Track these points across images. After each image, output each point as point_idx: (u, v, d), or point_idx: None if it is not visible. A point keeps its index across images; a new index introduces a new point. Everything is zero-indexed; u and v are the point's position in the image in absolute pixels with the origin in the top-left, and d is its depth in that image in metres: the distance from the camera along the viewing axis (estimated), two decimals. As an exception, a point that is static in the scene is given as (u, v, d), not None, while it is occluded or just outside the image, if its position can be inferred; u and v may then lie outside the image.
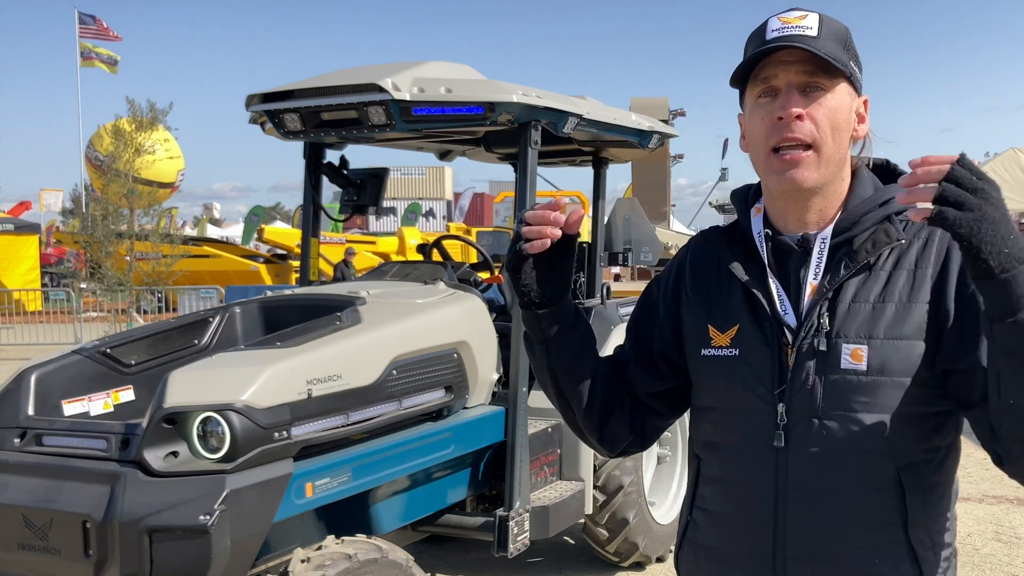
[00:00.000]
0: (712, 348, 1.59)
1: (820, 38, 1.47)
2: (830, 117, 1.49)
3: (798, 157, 1.48)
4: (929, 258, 1.50)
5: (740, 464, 1.55)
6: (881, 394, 1.46)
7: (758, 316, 1.55)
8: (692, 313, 1.65)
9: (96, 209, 20.20)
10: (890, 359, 1.46)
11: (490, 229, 24.08)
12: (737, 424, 1.56)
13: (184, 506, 2.80)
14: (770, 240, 1.59)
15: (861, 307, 1.49)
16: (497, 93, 3.96)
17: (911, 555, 1.49)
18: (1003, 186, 4.97)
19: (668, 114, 20.33)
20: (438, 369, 3.81)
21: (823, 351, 1.48)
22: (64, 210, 41.22)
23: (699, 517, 1.64)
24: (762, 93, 1.52)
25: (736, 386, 1.55)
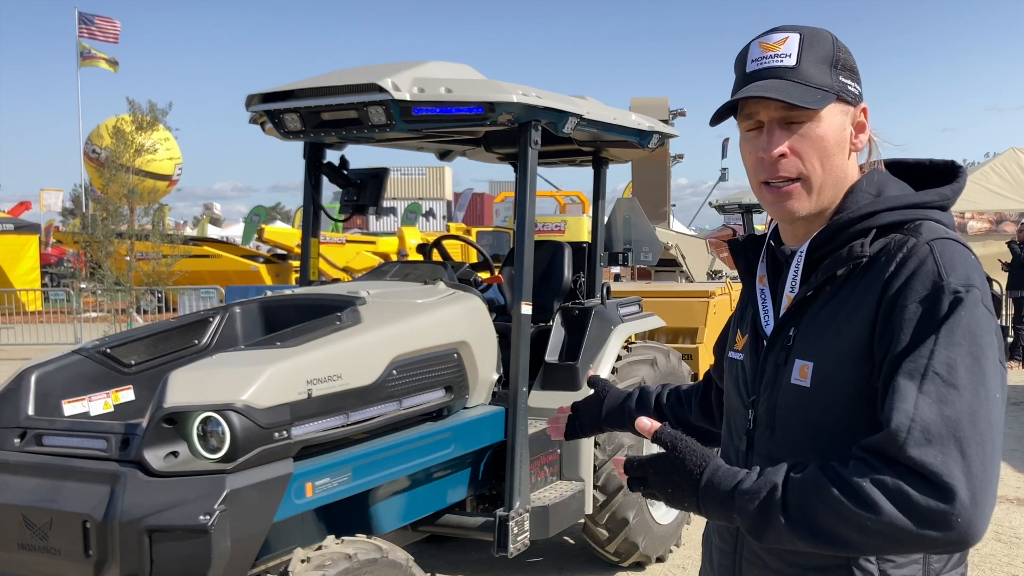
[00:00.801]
0: (734, 351, 1.71)
1: (799, 67, 1.47)
2: (816, 147, 1.48)
3: (788, 190, 1.51)
4: (884, 274, 1.43)
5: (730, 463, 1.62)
6: (823, 409, 1.47)
7: (754, 325, 1.66)
8: (733, 317, 1.80)
9: (96, 209, 20.19)
10: (832, 376, 1.46)
11: (490, 229, 24.06)
12: (728, 424, 1.71)
13: (184, 506, 2.80)
14: (770, 251, 1.67)
15: (816, 324, 1.50)
16: (497, 93, 3.96)
17: (857, 568, 1.45)
18: (1003, 186, 5.00)
19: (668, 114, 20.29)
20: (438, 369, 3.81)
21: (781, 364, 1.55)
22: (64, 210, 41.21)
23: None
24: (749, 128, 1.54)
25: (732, 389, 1.70)
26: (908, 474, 1.26)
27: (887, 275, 1.43)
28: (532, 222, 4.28)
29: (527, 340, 4.18)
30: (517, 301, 4.15)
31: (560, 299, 5.20)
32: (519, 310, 4.14)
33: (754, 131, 1.52)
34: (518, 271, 4.18)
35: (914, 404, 1.29)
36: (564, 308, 5.06)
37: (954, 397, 1.29)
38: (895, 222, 1.49)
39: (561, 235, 17.80)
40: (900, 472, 1.27)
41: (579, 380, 4.72)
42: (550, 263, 5.23)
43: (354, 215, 5.07)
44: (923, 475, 1.25)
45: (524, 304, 4.15)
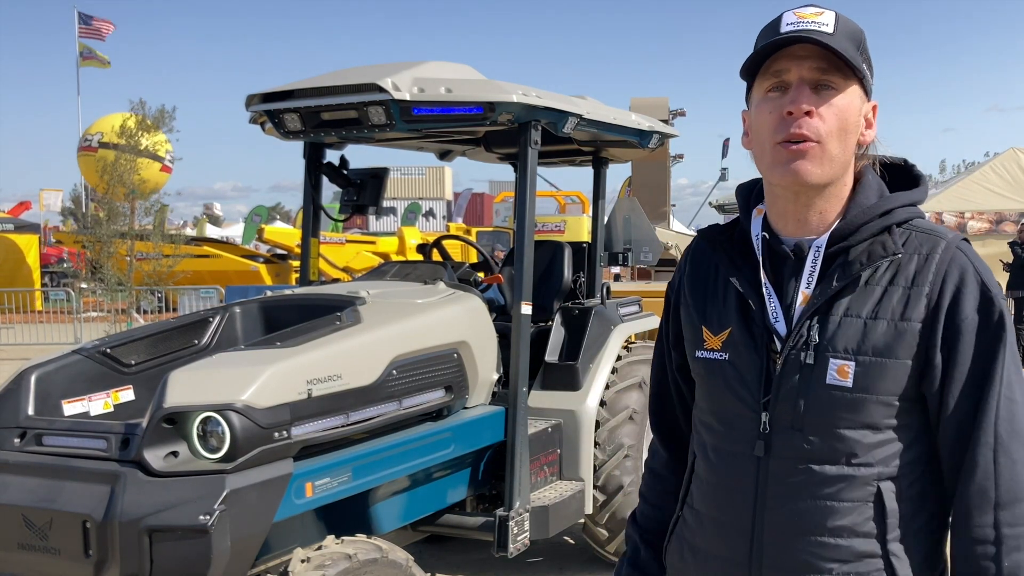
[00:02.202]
0: (705, 350, 1.59)
1: (836, 36, 1.44)
2: (839, 117, 1.45)
3: (804, 148, 1.44)
4: (927, 276, 1.45)
5: (724, 469, 1.55)
6: (864, 411, 1.45)
7: (749, 322, 1.54)
8: (689, 313, 1.65)
9: (97, 209, 20.18)
10: (877, 377, 1.44)
11: (490, 229, 24.04)
12: (723, 429, 1.56)
13: (184, 506, 2.80)
14: (766, 244, 1.56)
15: (852, 321, 1.46)
16: (497, 93, 3.96)
17: (889, 568, 1.46)
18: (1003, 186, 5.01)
19: (668, 114, 20.29)
20: (438, 369, 3.81)
21: (810, 364, 1.46)
22: (64, 210, 41.21)
23: (688, 514, 1.65)
24: (772, 87, 1.48)
25: (724, 391, 1.55)
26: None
27: (931, 277, 1.45)
28: (532, 222, 4.28)
29: (527, 340, 4.18)
30: (517, 301, 4.15)
31: (560, 299, 5.20)
32: (519, 310, 4.14)
33: (775, 93, 1.47)
34: (518, 271, 4.18)
35: (995, 460, 1.43)
36: (564, 308, 5.06)
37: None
38: (903, 219, 1.51)
39: (561, 235, 17.79)
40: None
41: (579, 380, 4.72)
42: (550, 263, 5.23)
43: (354, 215, 5.07)
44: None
45: (524, 304, 4.15)
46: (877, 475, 1.46)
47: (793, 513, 1.47)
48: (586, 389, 4.69)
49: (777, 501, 1.48)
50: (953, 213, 18.17)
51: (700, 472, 1.62)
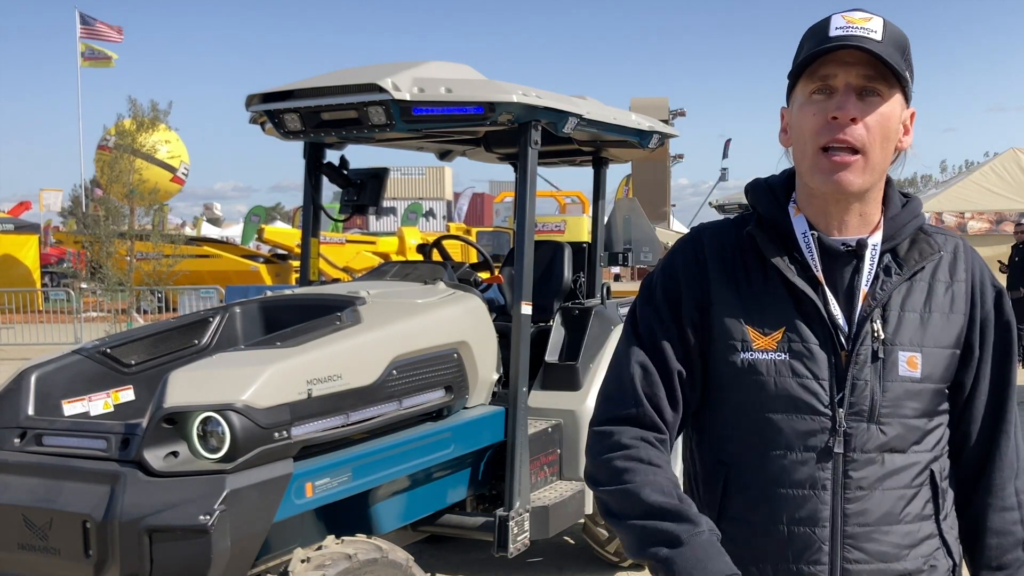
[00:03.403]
0: (755, 351, 1.52)
1: (884, 43, 1.45)
2: (882, 125, 1.47)
3: (847, 160, 1.46)
4: (960, 272, 1.59)
5: (791, 470, 1.50)
6: (927, 398, 1.54)
7: (808, 320, 1.51)
8: (723, 313, 1.55)
9: (99, 209, 20.19)
10: (937, 366, 1.55)
11: (490, 229, 24.05)
12: (786, 429, 1.50)
13: (184, 506, 2.80)
14: (817, 241, 1.55)
15: (910, 315, 1.54)
16: (497, 93, 3.97)
17: (944, 545, 1.57)
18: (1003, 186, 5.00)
19: (668, 114, 20.32)
20: (438, 369, 3.81)
21: (881, 357, 1.51)
22: (64, 210, 41.22)
23: (731, 529, 1.52)
24: (817, 90, 1.48)
25: (789, 392, 1.50)
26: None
27: (963, 274, 1.59)
28: (532, 222, 4.28)
29: (527, 340, 4.18)
30: (517, 301, 4.15)
31: (560, 299, 5.20)
32: (519, 310, 4.14)
33: (821, 96, 1.48)
34: (518, 271, 4.18)
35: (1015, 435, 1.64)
36: (564, 308, 5.06)
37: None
38: (924, 221, 1.62)
39: (561, 235, 17.80)
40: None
41: (579, 380, 4.72)
42: (550, 263, 5.23)
43: (354, 215, 5.07)
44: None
45: (524, 304, 4.15)
46: (931, 458, 1.56)
47: (871, 504, 1.51)
48: (586, 389, 4.69)
49: (857, 494, 1.51)
50: (953, 213, 18.18)
51: (749, 480, 1.54)
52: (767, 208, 1.61)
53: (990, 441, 1.62)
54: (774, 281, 1.55)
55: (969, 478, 1.64)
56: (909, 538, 1.52)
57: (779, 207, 1.60)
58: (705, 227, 1.67)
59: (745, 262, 1.58)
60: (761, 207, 1.62)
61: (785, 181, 1.64)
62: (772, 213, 1.60)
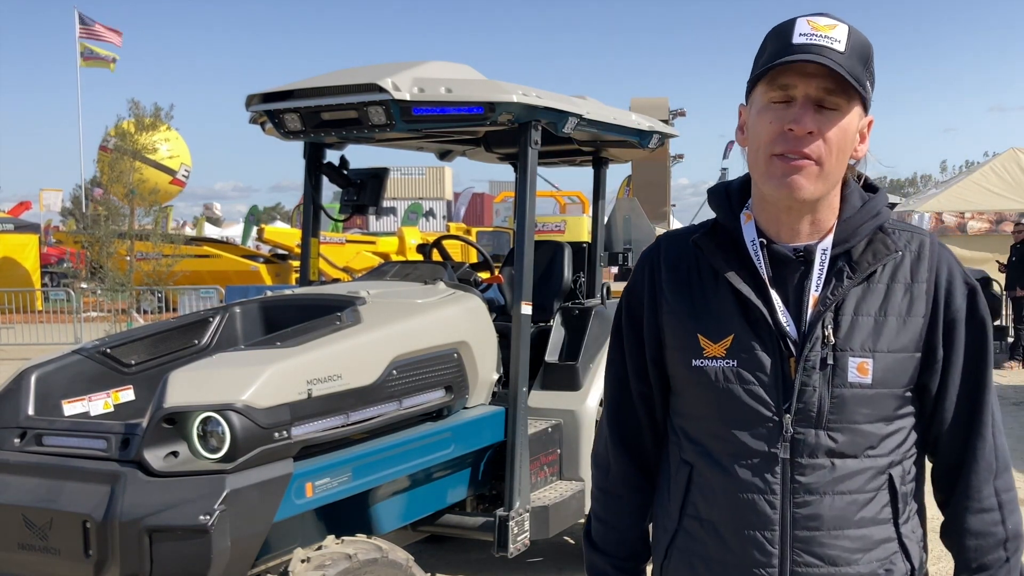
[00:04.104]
0: (704, 358, 1.55)
1: (846, 54, 1.44)
2: (839, 137, 1.47)
3: (802, 164, 1.46)
4: (922, 273, 1.54)
5: (744, 474, 1.53)
6: (881, 404, 1.52)
7: (755, 326, 1.53)
8: (676, 321, 1.60)
9: (99, 208, 20.19)
10: (890, 371, 1.51)
11: (490, 229, 24.06)
12: (737, 435, 1.54)
13: (184, 506, 2.80)
14: (765, 249, 1.56)
15: (863, 320, 1.51)
16: (497, 93, 3.97)
17: (903, 549, 1.55)
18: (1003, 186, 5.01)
19: (668, 114, 20.28)
20: (438, 369, 3.81)
21: (830, 363, 1.49)
22: (64, 210, 41.22)
23: (692, 526, 1.61)
24: (777, 98, 1.48)
25: (737, 398, 1.53)
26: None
27: (927, 274, 1.54)
28: (532, 222, 4.28)
29: (527, 340, 4.18)
30: (517, 301, 4.15)
31: (560, 299, 5.20)
32: (519, 310, 4.14)
33: (780, 105, 1.47)
34: (518, 271, 4.18)
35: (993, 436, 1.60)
36: (564, 308, 5.06)
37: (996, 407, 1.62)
38: (887, 219, 1.58)
39: (561, 235, 17.80)
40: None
41: (579, 380, 4.72)
42: (550, 263, 5.23)
43: (354, 215, 5.07)
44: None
45: (524, 304, 4.15)
46: (889, 463, 1.53)
47: (821, 509, 1.50)
48: (586, 389, 4.69)
49: (806, 499, 1.51)
50: (953, 213, 18.18)
51: (706, 481, 1.58)
52: (721, 214, 1.63)
53: (965, 442, 1.59)
54: (724, 288, 1.56)
55: (946, 480, 1.62)
56: (862, 542, 1.51)
57: (732, 214, 1.61)
58: (665, 235, 1.72)
59: (699, 269, 1.61)
60: (717, 213, 1.64)
61: (742, 187, 1.65)
62: (726, 219, 1.62)
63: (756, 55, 1.52)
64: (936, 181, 32.01)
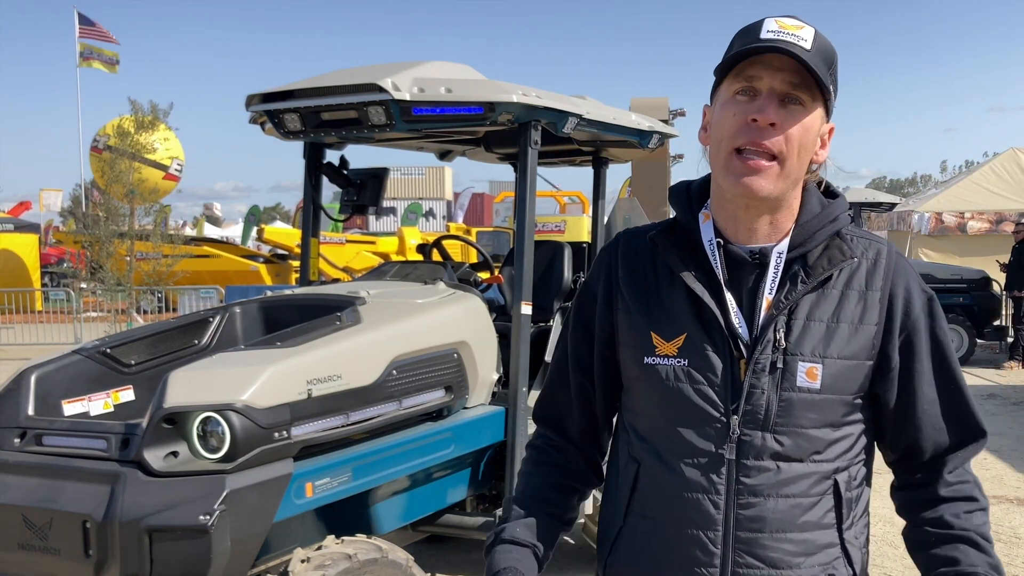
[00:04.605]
0: (656, 356, 1.56)
1: (812, 52, 1.45)
2: (800, 134, 1.47)
3: (760, 165, 1.46)
4: (877, 281, 1.54)
5: (689, 473, 1.53)
6: (828, 410, 1.52)
7: (708, 327, 1.53)
8: (630, 318, 1.60)
9: (98, 209, 20.19)
10: (839, 377, 1.51)
11: (490, 229, 24.05)
12: (684, 434, 1.54)
13: (184, 506, 2.80)
14: (722, 249, 1.56)
15: (815, 325, 1.51)
16: (497, 93, 3.97)
17: (845, 555, 1.55)
18: (1003, 186, 5.01)
19: (668, 114, 20.24)
20: (438, 369, 3.81)
21: (779, 367, 1.49)
22: (63, 210, 41.23)
23: (637, 523, 1.61)
24: (741, 91, 1.48)
25: (685, 398, 1.53)
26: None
27: (882, 282, 1.54)
28: (532, 222, 4.28)
29: (527, 340, 4.18)
30: (517, 301, 4.15)
31: (560, 299, 5.20)
32: (519, 310, 4.14)
33: (744, 97, 1.48)
34: (518, 271, 4.18)
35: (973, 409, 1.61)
36: (564, 308, 5.06)
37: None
38: (844, 225, 1.58)
39: (561, 235, 17.79)
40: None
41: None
42: (550, 263, 5.23)
43: (354, 215, 5.07)
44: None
45: (524, 304, 4.15)
46: (834, 469, 1.53)
47: (765, 511, 1.50)
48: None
49: (750, 501, 1.51)
50: (953, 213, 18.18)
51: (653, 479, 1.58)
52: (680, 213, 1.64)
53: (958, 438, 1.59)
54: (679, 288, 1.57)
55: (914, 491, 1.62)
56: (805, 546, 1.51)
57: (690, 213, 1.62)
58: (625, 232, 1.72)
59: (656, 267, 1.61)
60: (676, 211, 1.65)
61: (702, 186, 1.65)
62: (684, 218, 1.62)
63: (724, 54, 1.53)
64: (936, 181, 32.04)
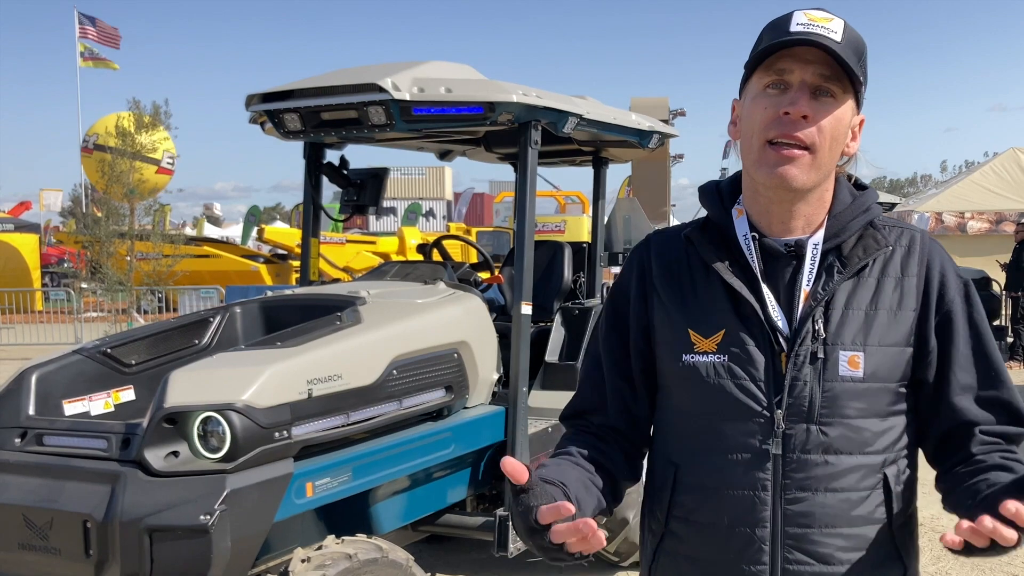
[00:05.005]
0: (695, 354, 1.54)
1: (842, 44, 1.45)
2: (832, 126, 1.47)
3: (793, 154, 1.46)
4: (912, 267, 1.54)
5: (732, 471, 1.52)
6: (873, 398, 1.50)
7: (747, 321, 1.52)
8: (667, 316, 1.59)
9: (98, 210, 20.19)
10: (882, 365, 1.50)
11: (490, 229, 24.06)
12: (727, 431, 1.52)
13: (184, 506, 2.80)
14: (757, 243, 1.56)
15: (854, 314, 1.51)
16: (497, 93, 3.97)
17: (895, 550, 1.53)
18: (1003, 186, 5.02)
19: (668, 114, 20.26)
20: (438, 369, 3.81)
21: (821, 357, 1.49)
22: (64, 210, 41.23)
23: (680, 527, 1.59)
24: (771, 84, 1.48)
25: (728, 394, 1.51)
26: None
27: (917, 268, 1.54)
28: (532, 222, 4.28)
29: (527, 340, 4.18)
30: (517, 301, 4.15)
31: (560, 299, 5.20)
32: (519, 310, 4.14)
33: (775, 91, 1.48)
34: (518, 271, 4.18)
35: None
36: (564, 308, 5.06)
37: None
38: (877, 215, 1.58)
39: (561, 235, 17.80)
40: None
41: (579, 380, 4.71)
42: (550, 263, 5.24)
43: (354, 215, 5.08)
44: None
45: (524, 304, 4.15)
46: (883, 461, 1.51)
47: (814, 506, 1.48)
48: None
49: (797, 496, 1.49)
50: (953, 213, 18.19)
51: (694, 480, 1.56)
52: (712, 210, 1.63)
53: (1005, 427, 1.54)
54: (715, 284, 1.56)
55: (953, 472, 1.54)
56: (855, 541, 1.49)
57: (723, 209, 1.62)
58: (656, 232, 1.72)
59: (690, 265, 1.60)
60: (708, 209, 1.65)
61: (733, 183, 1.65)
62: (717, 215, 1.62)
63: (752, 49, 1.53)
64: (936, 181, 32.06)
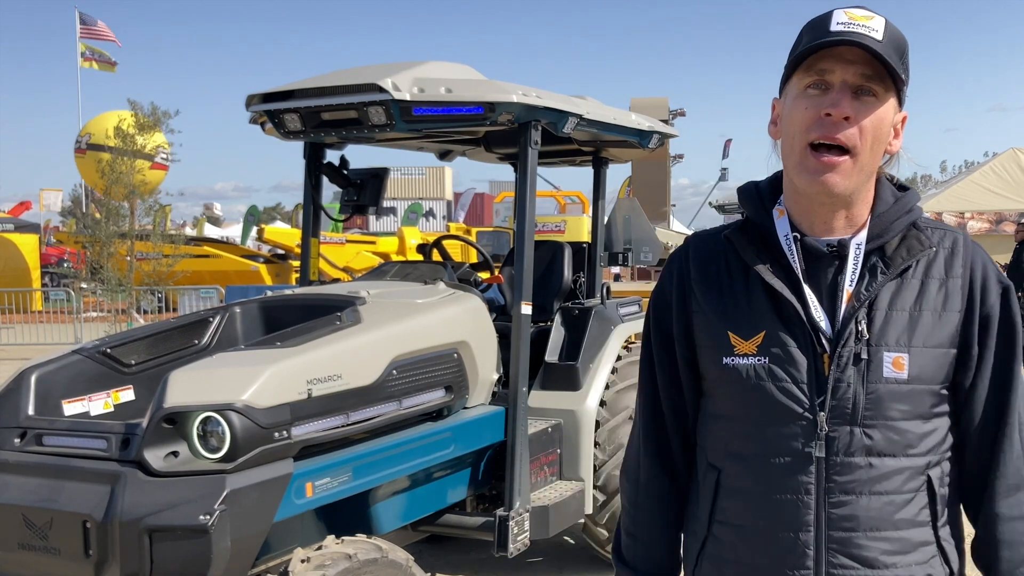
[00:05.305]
0: (736, 356, 1.53)
1: (884, 43, 1.43)
2: (875, 126, 1.45)
3: (835, 161, 1.45)
4: (956, 268, 1.52)
5: (776, 475, 1.50)
6: (918, 400, 1.49)
7: (788, 323, 1.50)
8: (706, 319, 1.58)
9: (97, 211, 20.17)
10: (926, 367, 1.48)
11: (490, 229, 24.06)
12: (769, 434, 1.51)
13: (184, 506, 2.80)
14: (799, 243, 1.54)
15: (898, 315, 1.49)
16: (497, 93, 3.97)
17: (941, 553, 1.52)
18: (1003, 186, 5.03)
19: (668, 114, 20.31)
20: (438, 369, 3.81)
21: (864, 359, 1.47)
22: (64, 210, 41.22)
23: (722, 532, 1.58)
24: (812, 84, 1.47)
25: (769, 396, 1.50)
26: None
27: (961, 270, 1.52)
28: (532, 222, 4.28)
29: (527, 340, 4.18)
30: (517, 301, 4.15)
31: (560, 299, 5.20)
32: (519, 310, 4.14)
33: (816, 91, 1.46)
34: (518, 271, 4.18)
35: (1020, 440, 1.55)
36: (564, 308, 5.06)
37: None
38: (919, 216, 1.57)
39: (561, 235, 17.80)
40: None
41: (579, 380, 4.72)
42: (550, 263, 5.23)
43: (354, 215, 5.07)
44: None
45: (524, 304, 4.15)
46: (927, 464, 1.50)
47: (858, 509, 1.47)
48: (586, 389, 4.69)
49: (841, 499, 1.47)
50: (953, 213, 18.18)
51: (737, 484, 1.55)
52: (752, 211, 1.62)
53: (993, 445, 1.54)
54: (756, 285, 1.54)
55: (975, 484, 1.57)
56: (900, 544, 1.48)
57: (764, 210, 1.60)
58: (695, 235, 1.72)
59: (729, 267, 1.59)
60: (748, 210, 1.63)
61: (772, 183, 1.64)
62: (757, 216, 1.61)
63: (791, 49, 1.51)
64: (936, 181, 32.06)
